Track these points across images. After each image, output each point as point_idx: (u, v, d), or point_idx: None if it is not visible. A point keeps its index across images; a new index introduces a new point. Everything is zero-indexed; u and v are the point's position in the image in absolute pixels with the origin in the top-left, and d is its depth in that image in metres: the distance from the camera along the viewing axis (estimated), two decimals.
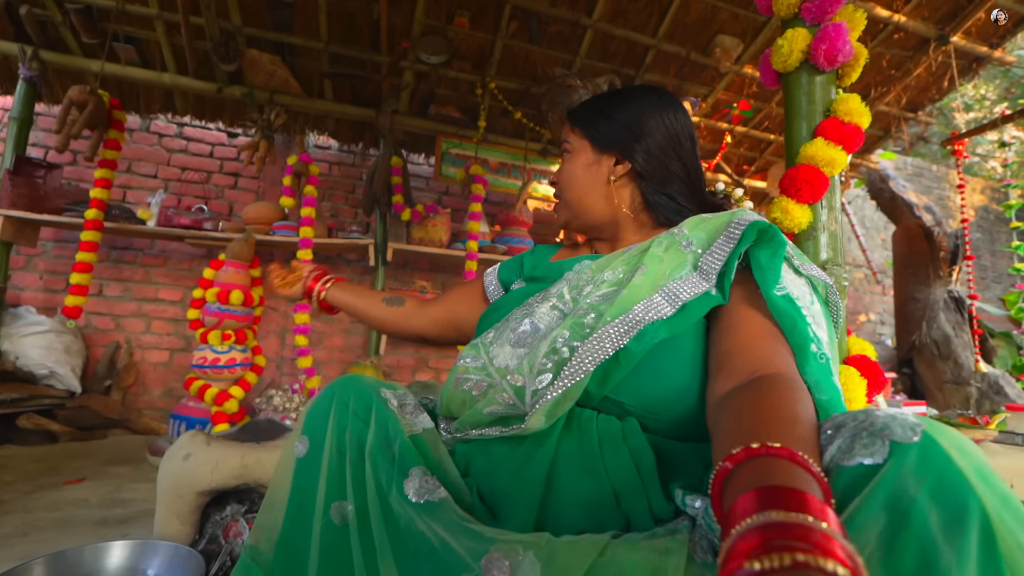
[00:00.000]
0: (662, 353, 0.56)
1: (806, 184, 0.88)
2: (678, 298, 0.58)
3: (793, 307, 0.55)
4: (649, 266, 0.60)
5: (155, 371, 2.84)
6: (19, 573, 0.91)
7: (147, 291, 2.86)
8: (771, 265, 0.57)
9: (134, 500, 1.69)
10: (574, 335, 0.57)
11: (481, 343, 0.66)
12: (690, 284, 0.59)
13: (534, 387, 0.56)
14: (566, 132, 0.79)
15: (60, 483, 1.84)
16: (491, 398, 0.59)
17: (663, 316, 0.56)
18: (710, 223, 0.64)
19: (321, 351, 3.10)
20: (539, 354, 0.57)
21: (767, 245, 0.58)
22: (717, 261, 0.60)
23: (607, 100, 0.78)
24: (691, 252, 0.62)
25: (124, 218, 2.48)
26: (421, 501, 0.52)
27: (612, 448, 0.54)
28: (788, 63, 0.96)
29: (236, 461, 1.19)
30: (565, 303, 0.64)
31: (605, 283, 0.62)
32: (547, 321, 0.63)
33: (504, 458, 0.57)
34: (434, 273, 3.34)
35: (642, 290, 0.58)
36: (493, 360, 0.62)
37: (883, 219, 4.64)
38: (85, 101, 2.17)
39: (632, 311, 0.56)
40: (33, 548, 1.29)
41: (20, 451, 2.22)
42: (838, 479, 0.35)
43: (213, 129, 3.06)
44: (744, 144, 3.57)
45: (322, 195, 3.16)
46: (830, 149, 0.89)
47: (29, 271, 2.70)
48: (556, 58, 2.78)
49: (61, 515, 1.53)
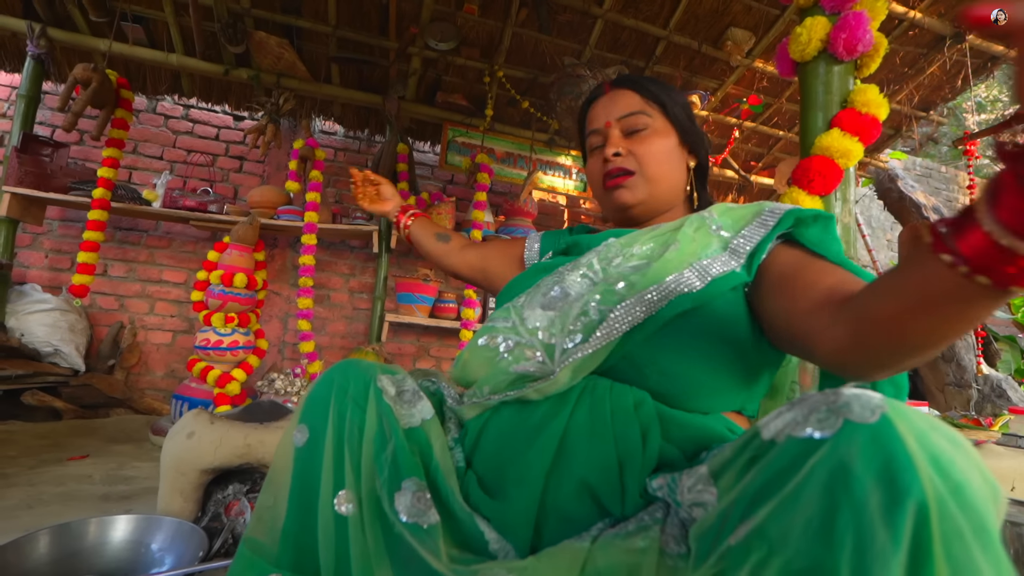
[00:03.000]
0: (688, 319, 0.58)
1: (819, 175, 0.88)
2: (708, 273, 0.60)
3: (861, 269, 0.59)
4: (682, 243, 0.63)
5: (158, 352, 2.85)
6: (25, 543, 0.92)
7: (151, 272, 2.87)
8: (830, 237, 0.62)
9: (136, 477, 1.71)
10: (605, 300, 0.61)
11: (512, 306, 0.68)
12: (720, 262, 0.62)
13: (564, 346, 0.59)
14: (636, 104, 0.76)
15: (64, 459, 1.86)
16: (520, 354, 0.61)
17: (694, 289, 0.59)
18: (737, 211, 0.69)
19: (323, 336, 3.11)
20: (570, 315, 0.60)
21: (815, 224, 0.63)
22: (748, 243, 0.63)
23: (679, 94, 0.79)
24: (719, 236, 0.65)
25: (130, 199, 2.48)
26: (411, 522, 0.52)
27: (623, 417, 0.55)
28: (806, 52, 0.95)
29: (239, 441, 1.20)
30: (595, 272, 0.66)
31: (635, 256, 0.66)
32: (577, 288, 0.65)
33: (518, 425, 0.58)
34: None
35: (674, 264, 0.61)
36: (524, 321, 0.64)
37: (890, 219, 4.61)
38: (89, 79, 2.17)
39: (664, 282, 0.59)
40: (38, 520, 1.31)
41: (24, 427, 2.24)
42: (785, 450, 0.35)
43: (219, 112, 3.05)
44: (752, 140, 3.55)
45: (327, 180, 3.15)
46: (846, 140, 0.89)
47: (35, 249, 2.71)
48: (565, 47, 2.75)
49: (65, 490, 1.55)
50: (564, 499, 0.53)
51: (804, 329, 0.52)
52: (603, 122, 0.77)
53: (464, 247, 1.02)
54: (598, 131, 0.78)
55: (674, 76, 2.91)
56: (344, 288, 3.20)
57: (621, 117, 0.76)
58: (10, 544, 0.91)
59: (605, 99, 0.79)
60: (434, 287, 2.90)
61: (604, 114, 0.78)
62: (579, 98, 2.30)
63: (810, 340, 0.51)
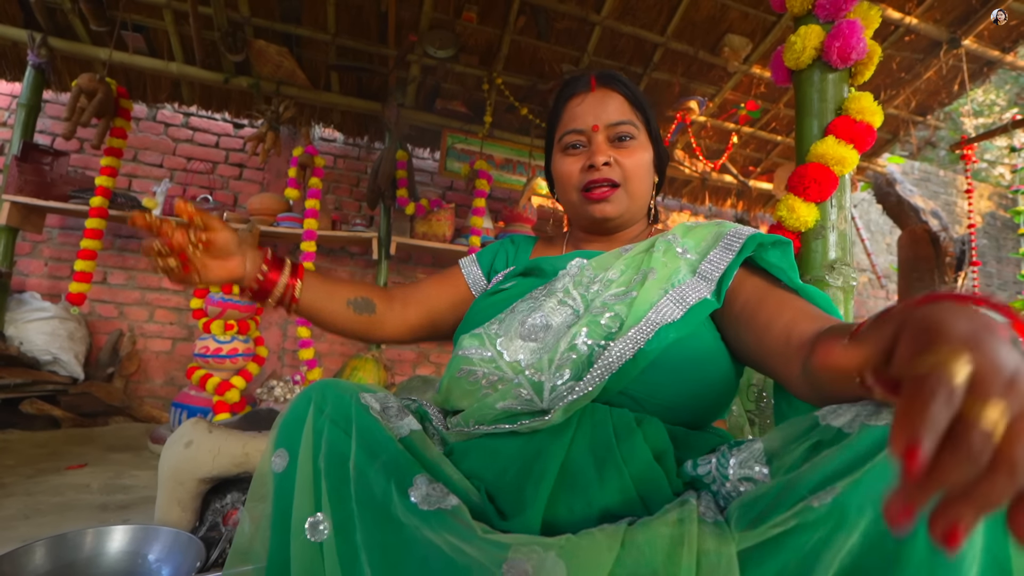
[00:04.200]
0: (674, 350, 0.58)
1: (815, 183, 0.88)
2: (685, 301, 0.61)
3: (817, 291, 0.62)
4: (658, 270, 0.64)
5: (157, 360, 2.85)
6: (21, 555, 0.91)
7: (150, 280, 2.87)
8: (789, 266, 0.64)
9: (135, 486, 1.70)
10: (592, 333, 0.60)
11: (485, 334, 0.65)
12: (693, 288, 0.63)
13: (553, 383, 0.57)
14: (626, 112, 0.73)
15: (62, 468, 1.85)
16: (506, 392, 0.58)
17: (674, 319, 0.60)
18: (697, 231, 0.70)
19: (323, 343, 3.11)
20: (558, 350, 0.59)
21: (774, 248, 0.64)
22: (716, 268, 0.64)
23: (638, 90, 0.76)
24: (685, 259, 0.67)
25: (129, 206, 2.49)
26: (431, 509, 0.50)
27: (627, 438, 0.54)
28: (801, 60, 0.96)
29: (237, 449, 1.20)
30: (574, 300, 0.65)
31: (613, 283, 0.66)
32: (559, 318, 0.64)
33: (514, 455, 0.56)
34: (437, 267, 3.33)
35: (653, 293, 0.62)
36: (503, 354, 0.62)
37: (888, 223, 4.62)
38: (95, 89, 2.18)
39: (648, 316, 0.60)
40: (35, 531, 1.30)
41: (23, 435, 2.23)
42: (863, 436, 0.37)
43: (219, 119, 3.06)
44: (750, 145, 3.56)
45: (327, 187, 3.16)
46: (841, 147, 0.89)
47: (35, 257, 2.72)
48: (564, 54, 2.77)
49: (63, 499, 1.54)
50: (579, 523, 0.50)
51: (772, 370, 0.57)
52: (590, 124, 0.73)
53: (395, 308, 0.79)
54: (581, 132, 0.73)
55: (672, 82, 2.93)
56: None
57: (611, 124, 0.72)
58: (6, 556, 0.90)
59: (592, 98, 0.74)
60: None
61: (592, 115, 0.73)
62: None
63: (780, 380, 0.57)
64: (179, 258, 0.58)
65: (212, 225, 0.62)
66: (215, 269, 0.63)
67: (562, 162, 0.76)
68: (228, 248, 0.63)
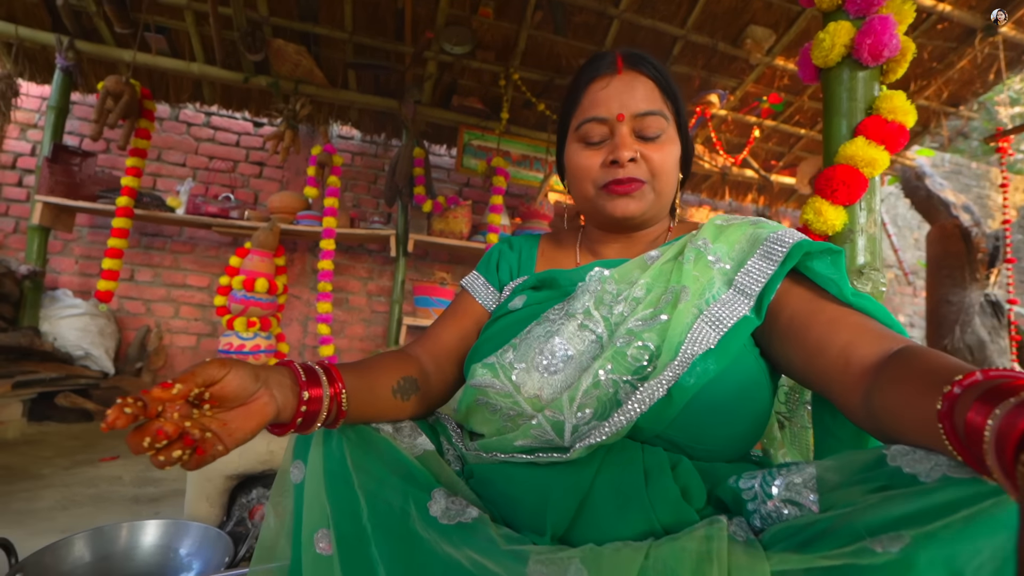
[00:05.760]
0: (714, 387, 0.53)
1: (843, 185, 0.86)
2: (721, 323, 0.55)
3: (871, 301, 0.55)
4: (690, 287, 0.58)
5: (183, 355, 2.92)
6: (62, 547, 0.95)
7: (176, 277, 2.94)
8: (840, 276, 0.56)
9: (164, 479, 1.75)
10: (618, 367, 0.55)
11: (499, 364, 0.60)
12: (729, 307, 0.56)
13: (574, 422, 0.53)
14: (656, 100, 0.64)
15: (96, 460, 1.92)
16: (524, 431, 0.55)
17: (710, 345, 0.54)
18: (729, 234, 0.63)
19: (342, 339, 3.15)
20: (580, 388, 0.54)
21: (823, 257, 0.57)
22: (756, 282, 0.57)
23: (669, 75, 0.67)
24: (719, 269, 0.60)
25: (154, 206, 2.55)
26: (452, 523, 0.49)
27: (659, 480, 0.50)
28: (829, 58, 0.93)
29: (262, 448, 1.23)
30: (595, 323, 0.60)
31: (640, 303, 0.59)
32: (579, 345, 0.58)
33: (532, 486, 0.54)
34: (454, 264, 3.35)
35: (686, 315, 0.56)
36: (520, 387, 0.57)
37: (917, 218, 4.49)
38: (121, 91, 2.23)
39: (683, 348, 0.53)
40: (72, 522, 1.35)
41: (59, 428, 2.31)
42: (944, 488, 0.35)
43: (239, 118, 3.10)
44: (773, 139, 3.49)
45: (345, 185, 3.19)
46: (871, 149, 0.86)
47: (66, 255, 2.80)
48: (581, 49, 2.74)
49: (97, 491, 1.60)
50: None
51: (827, 393, 0.52)
52: (615, 113, 0.63)
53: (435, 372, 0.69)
54: (603, 120, 0.64)
55: (692, 76, 2.88)
56: (362, 291, 3.23)
57: (638, 114, 0.63)
58: (48, 548, 0.94)
59: (618, 82, 0.64)
60: (451, 290, 2.91)
61: (617, 102, 0.63)
62: None
63: (836, 404, 0.51)
64: (185, 442, 0.41)
65: (211, 374, 0.44)
66: (241, 423, 0.45)
67: (579, 154, 0.67)
68: (245, 388, 0.45)
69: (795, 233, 0.59)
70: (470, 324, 0.73)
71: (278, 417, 0.48)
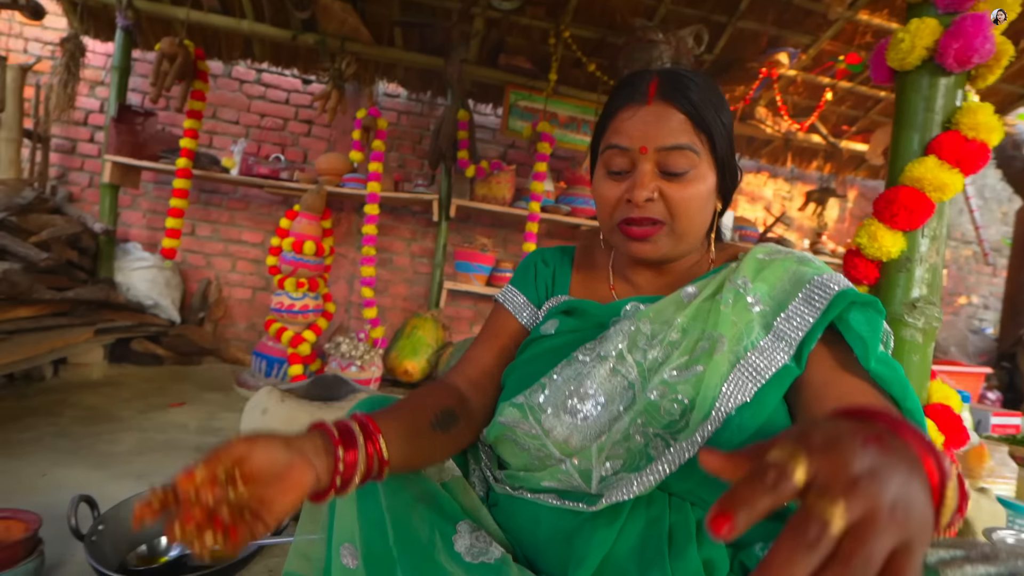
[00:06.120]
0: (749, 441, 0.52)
1: (905, 210, 0.77)
2: (759, 374, 0.53)
3: (893, 369, 0.52)
4: (728, 335, 0.55)
5: (240, 306, 3.12)
6: (134, 502, 1.08)
7: (232, 232, 3.09)
8: (872, 336, 0.52)
9: (224, 429, 1.93)
10: (650, 421, 0.54)
11: (527, 406, 0.59)
12: (768, 355, 0.54)
13: (602, 472, 0.54)
14: (686, 134, 0.59)
15: (166, 404, 2.13)
16: (552, 473, 0.56)
17: (746, 398, 0.52)
18: (771, 272, 0.59)
19: (386, 298, 3.26)
20: (610, 440, 0.54)
21: (862, 310, 0.54)
22: (797, 329, 0.54)
23: (727, 111, 0.61)
24: (758, 311, 0.57)
25: (211, 165, 2.65)
26: (476, 562, 0.51)
27: (683, 548, 0.51)
28: (907, 61, 0.81)
29: (305, 419, 1.32)
30: (628, 367, 0.58)
31: (675, 348, 0.57)
32: (611, 392, 0.57)
33: (558, 530, 0.55)
34: (496, 228, 3.34)
35: (722, 365, 0.54)
36: (549, 432, 0.57)
37: (1008, 191, 4.05)
38: (175, 53, 2.28)
39: (717, 405, 0.52)
40: (146, 467, 1.53)
41: (135, 370, 2.56)
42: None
43: (289, 75, 3.12)
44: (847, 101, 3.18)
45: (390, 145, 3.19)
46: (943, 172, 0.76)
47: (134, 210, 2.99)
48: (637, 4, 2.54)
49: (167, 437, 1.78)
50: None
51: None
52: (637, 145, 0.59)
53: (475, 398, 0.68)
54: (626, 151, 0.60)
55: (760, 32, 2.63)
56: (406, 252, 3.30)
57: (663, 148, 0.58)
58: (122, 503, 1.07)
59: (646, 112, 0.59)
60: (491, 256, 2.92)
61: (640, 133, 0.59)
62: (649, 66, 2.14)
63: None
64: (215, 526, 0.38)
65: (236, 453, 0.41)
66: (279, 497, 0.41)
67: (601, 182, 0.64)
68: (276, 460, 0.42)
69: (840, 279, 0.56)
70: (508, 343, 0.72)
71: (318, 484, 0.44)
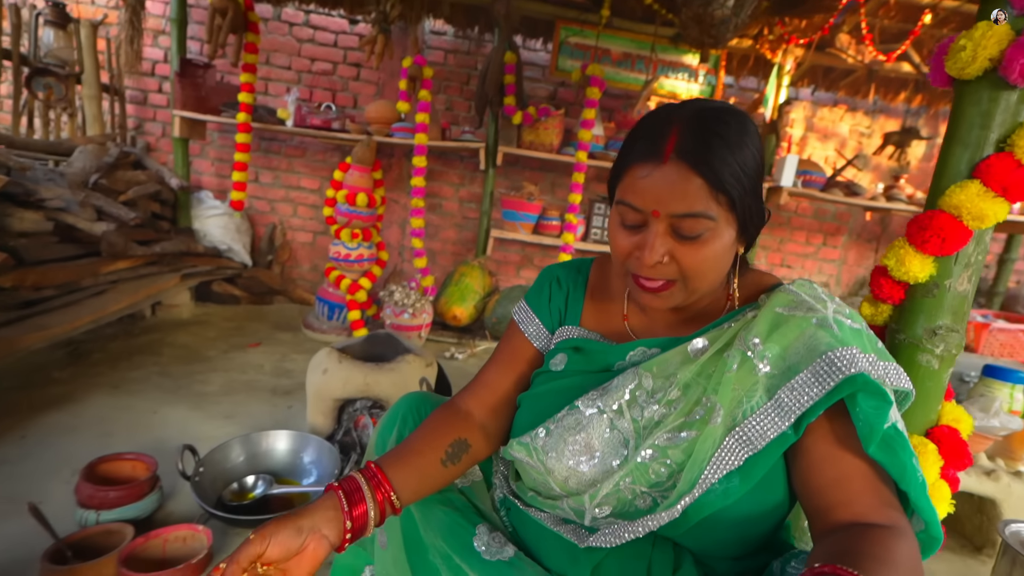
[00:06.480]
0: (732, 510, 0.56)
1: (937, 237, 0.73)
2: (753, 442, 0.55)
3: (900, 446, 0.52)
4: (725, 403, 0.56)
5: (303, 249, 3.35)
6: (226, 447, 1.30)
7: (291, 179, 3.24)
8: (877, 423, 0.51)
9: (294, 371, 2.18)
10: (638, 479, 0.58)
11: (532, 446, 0.65)
12: (766, 423, 0.54)
13: (593, 515, 0.60)
14: (702, 200, 0.56)
15: (244, 344, 2.41)
16: (553, 505, 0.64)
17: (736, 464, 0.54)
18: (785, 332, 0.57)
19: (436, 242, 3.38)
20: (600, 492, 0.59)
21: (872, 398, 0.52)
22: (800, 403, 0.53)
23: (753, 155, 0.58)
24: (764, 374, 0.56)
25: (267, 117, 2.75)
26: (492, 560, 0.61)
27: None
28: (966, 71, 0.72)
29: (360, 380, 1.49)
30: (625, 423, 0.61)
31: (673, 407, 0.59)
32: (606, 447, 0.61)
33: (557, 545, 0.63)
34: (544, 172, 3.30)
35: (715, 433, 0.56)
36: (551, 472, 0.63)
37: None
38: (225, 7, 2.31)
39: (704, 475, 0.55)
40: (231, 407, 1.79)
41: (217, 309, 2.88)
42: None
43: (336, 16, 3.08)
44: (950, 22, 2.75)
45: (437, 86, 3.15)
46: (984, 201, 0.68)
47: (203, 158, 3.19)
48: None
49: (247, 378, 2.05)
50: None
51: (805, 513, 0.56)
52: (650, 208, 0.57)
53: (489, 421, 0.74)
54: (639, 211, 0.58)
55: None
56: (455, 197, 3.35)
57: (677, 216, 0.56)
58: (216, 448, 1.29)
59: (660, 174, 0.56)
60: (538, 205, 2.93)
61: (653, 197, 0.57)
62: (708, 5, 1.94)
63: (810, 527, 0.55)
64: None
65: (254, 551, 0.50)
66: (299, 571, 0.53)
67: (615, 230, 0.63)
68: (290, 548, 0.52)
69: (856, 356, 0.53)
70: (525, 368, 0.76)
71: (333, 547, 0.55)
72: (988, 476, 1.38)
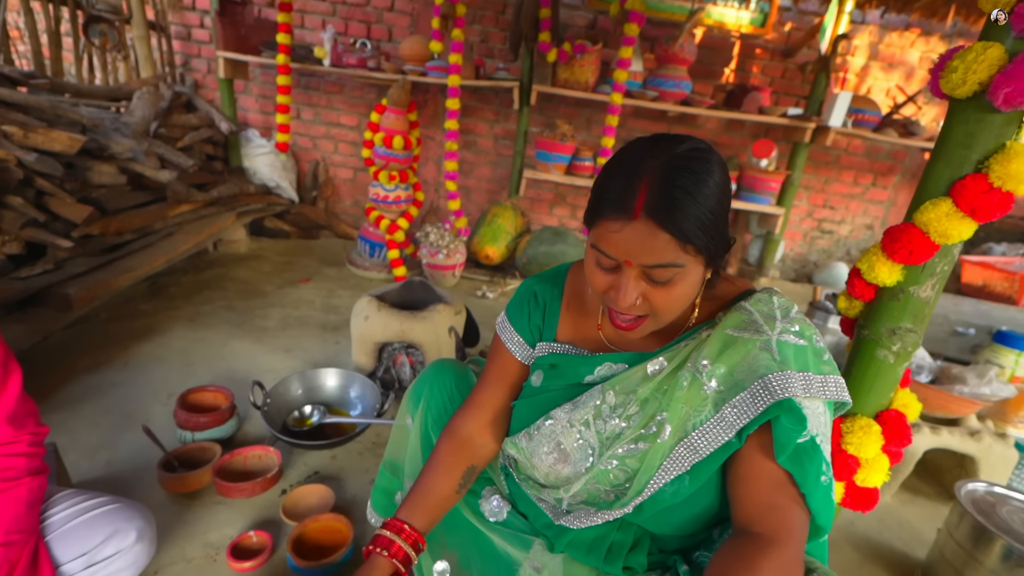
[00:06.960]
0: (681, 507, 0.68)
1: (905, 248, 0.78)
2: (699, 451, 0.65)
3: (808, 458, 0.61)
4: (671, 416, 0.67)
5: (344, 185, 3.50)
6: (288, 381, 1.55)
7: (331, 116, 3.32)
8: (788, 441, 0.61)
9: (340, 307, 2.41)
10: (601, 481, 0.72)
11: (520, 447, 0.79)
12: (712, 434, 0.65)
13: (568, 503, 0.76)
14: (671, 252, 0.60)
15: (295, 280, 2.65)
16: (538, 490, 0.79)
17: (685, 469, 0.66)
18: (732, 353, 0.66)
19: (471, 179, 3.44)
20: (571, 490, 0.74)
21: (791, 419, 0.61)
22: (740, 419, 0.63)
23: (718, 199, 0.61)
24: (712, 391, 0.66)
25: (305, 56, 2.79)
26: (494, 521, 0.81)
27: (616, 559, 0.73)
28: (957, 92, 0.72)
29: (397, 326, 1.68)
30: (591, 435, 0.73)
31: (632, 421, 0.70)
32: (576, 453, 0.73)
33: (540, 513, 0.79)
34: (580, 109, 3.23)
35: (666, 446, 0.67)
36: (536, 468, 0.77)
37: None
38: None
39: (654, 480, 0.67)
40: (288, 341, 2.04)
41: (270, 243, 3.13)
42: None
43: None
44: None
45: (472, 16, 3.05)
46: (952, 221, 0.71)
47: (248, 95, 3.29)
48: None
49: (300, 314, 2.30)
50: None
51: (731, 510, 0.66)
52: (622, 258, 0.62)
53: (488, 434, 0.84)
54: (611, 257, 0.63)
55: None
56: (489, 135, 3.36)
57: (647, 266, 0.61)
58: (279, 383, 1.54)
59: (631, 230, 0.59)
60: (571, 145, 2.91)
61: (624, 249, 0.61)
62: None
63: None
64: None
65: None
66: None
67: (591, 267, 0.67)
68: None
69: (789, 380, 0.62)
70: (514, 381, 0.85)
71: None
72: (972, 436, 1.47)
